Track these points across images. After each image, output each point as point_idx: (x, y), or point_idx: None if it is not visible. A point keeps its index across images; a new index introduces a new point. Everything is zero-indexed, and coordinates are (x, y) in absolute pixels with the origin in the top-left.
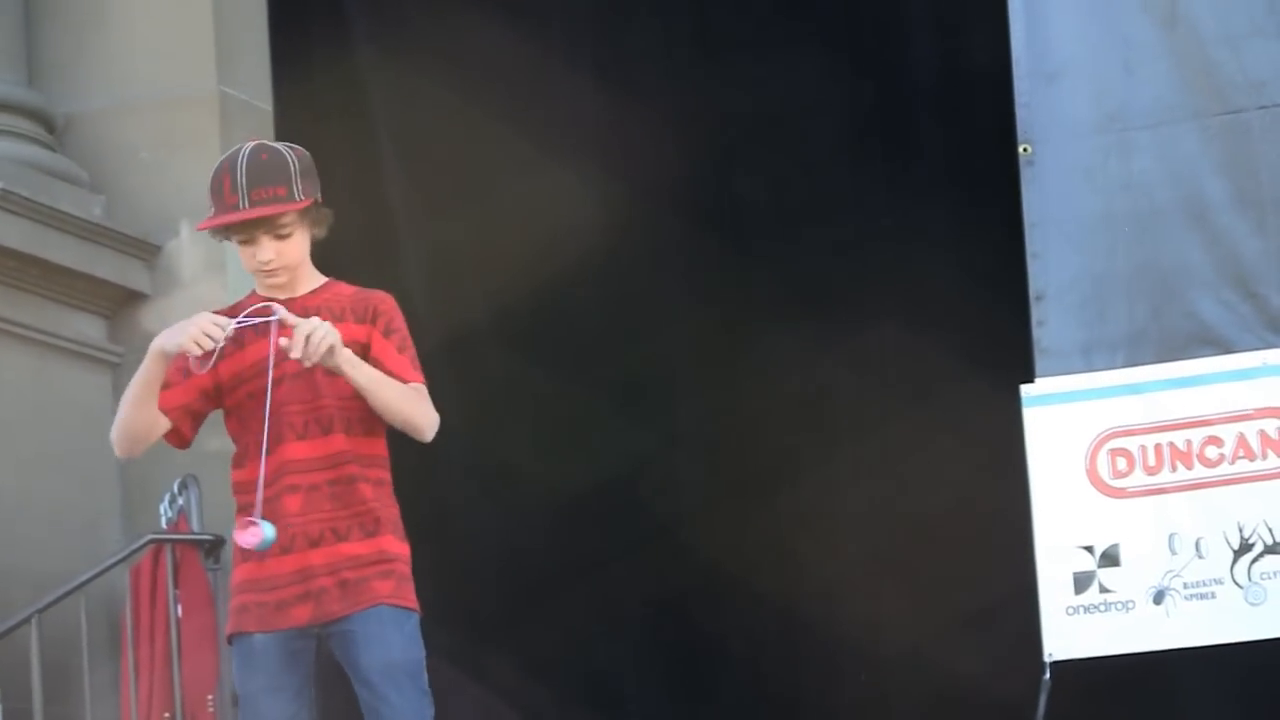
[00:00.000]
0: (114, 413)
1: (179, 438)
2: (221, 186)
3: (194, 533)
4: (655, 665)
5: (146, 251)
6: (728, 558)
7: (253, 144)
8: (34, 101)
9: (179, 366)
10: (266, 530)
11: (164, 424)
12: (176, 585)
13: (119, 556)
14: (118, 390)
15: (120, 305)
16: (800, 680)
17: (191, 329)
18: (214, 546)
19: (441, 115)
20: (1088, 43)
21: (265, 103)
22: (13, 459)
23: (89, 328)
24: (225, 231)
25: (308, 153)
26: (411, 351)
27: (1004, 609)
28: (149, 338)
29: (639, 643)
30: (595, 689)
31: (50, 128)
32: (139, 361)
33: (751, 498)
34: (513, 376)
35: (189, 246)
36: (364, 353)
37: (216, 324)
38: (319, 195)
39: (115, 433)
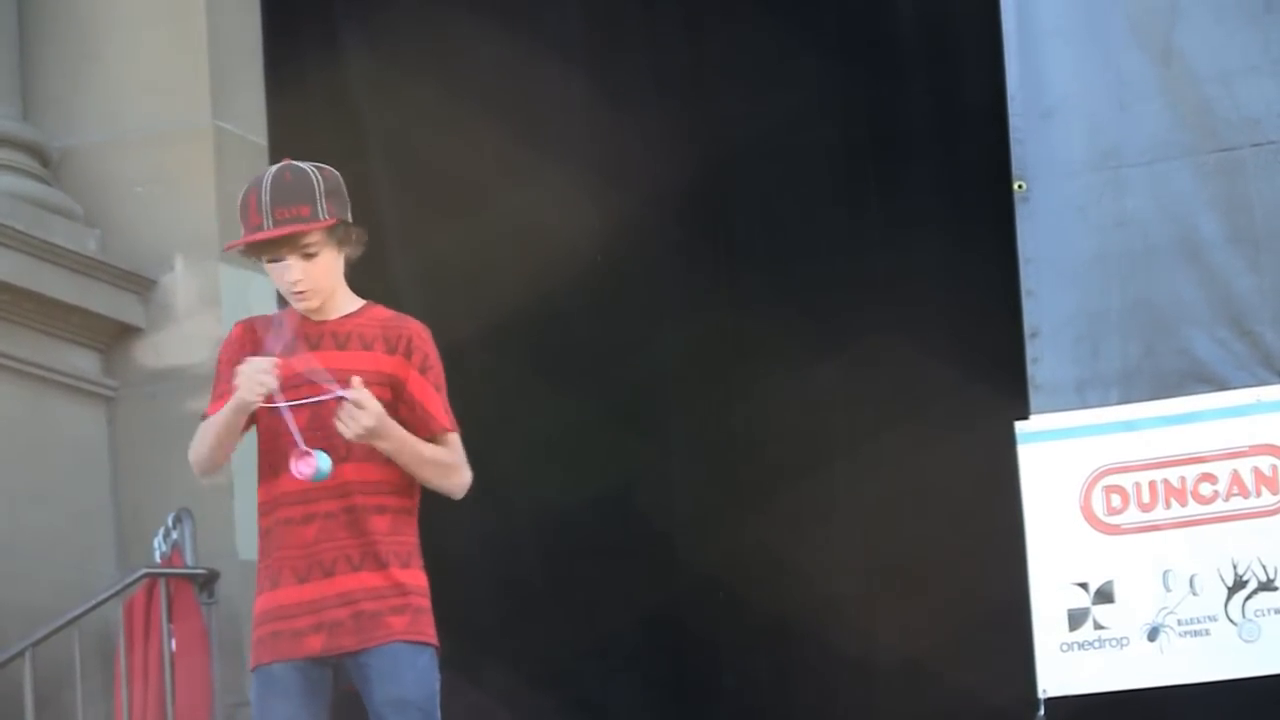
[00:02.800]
0: (108, 446)
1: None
2: (248, 208)
3: (188, 567)
4: (646, 677)
5: (141, 285)
6: (721, 571)
7: (280, 164)
8: (29, 135)
9: (227, 369)
10: (321, 460)
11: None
12: (170, 619)
13: (113, 590)
14: (112, 424)
15: (115, 339)
16: (793, 697)
17: (244, 380)
18: (208, 580)
19: (437, 145)
20: (1082, 80)
21: (260, 137)
22: (6, 492)
23: (83, 361)
24: (254, 252)
25: (337, 172)
26: (444, 390)
27: (997, 637)
28: (143, 371)
29: (631, 654)
30: (586, 700)
31: (45, 161)
32: (133, 395)
33: (744, 515)
34: (505, 389)
35: (184, 280)
36: (394, 385)
37: (262, 369)
38: (348, 215)
39: (194, 460)
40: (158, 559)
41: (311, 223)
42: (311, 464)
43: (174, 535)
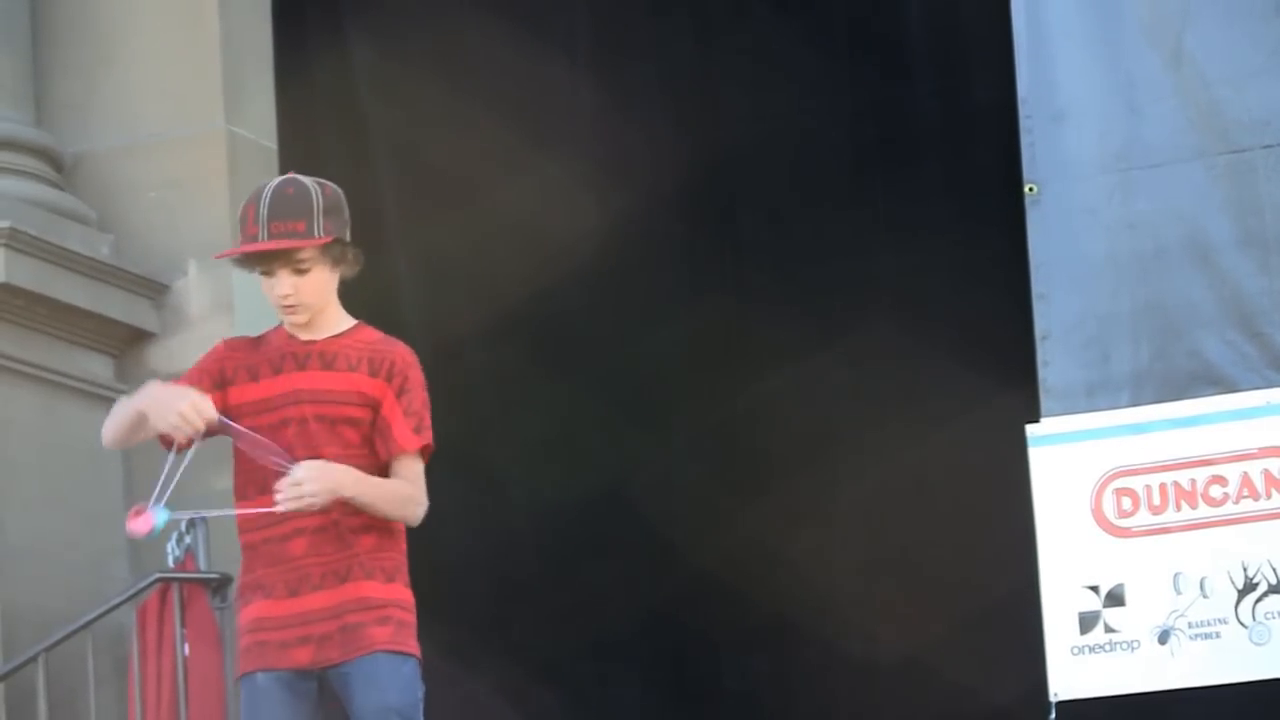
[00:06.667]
0: (121, 452)
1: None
2: (246, 217)
3: (201, 571)
4: (645, 672)
5: (154, 290)
6: (723, 569)
7: (283, 178)
8: (42, 140)
9: (202, 372)
10: (158, 517)
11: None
12: (183, 624)
13: (126, 595)
14: None
15: (128, 344)
16: (795, 697)
17: (176, 414)
18: (221, 585)
19: (446, 148)
20: (1093, 82)
21: (273, 141)
22: (20, 497)
23: (97, 367)
24: (246, 263)
25: (339, 190)
26: (420, 414)
27: (1008, 640)
28: (156, 376)
29: (630, 651)
30: (585, 697)
31: (59, 167)
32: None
33: (747, 516)
34: (508, 386)
35: (197, 286)
36: (373, 407)
37: (199, 411)
38: (346, 235)
39: (105, 433)
40: (171, 563)
41: (305, 239)
42: (148, 521)
43: (187, 540)
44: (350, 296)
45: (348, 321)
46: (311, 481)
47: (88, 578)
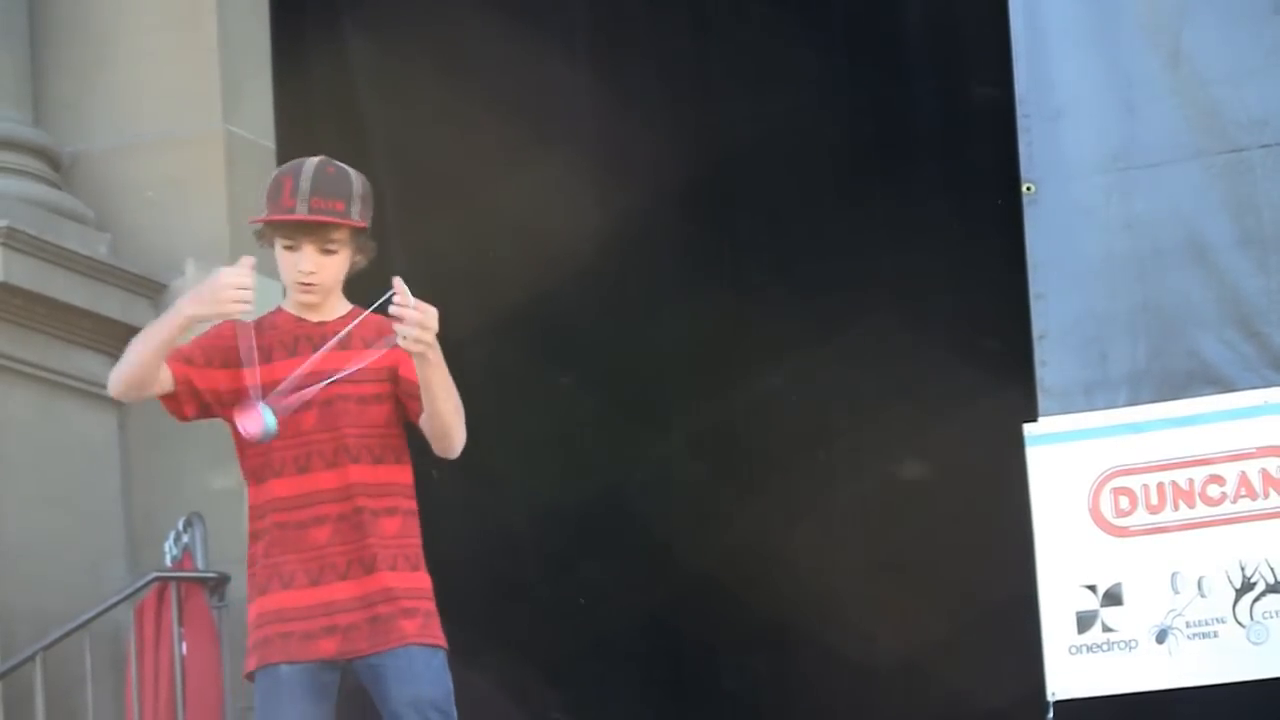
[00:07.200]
0: (119, 451)
1: (178, 409)
2: (280, 190)
3: (199, 570)
4: (641, 675)
5: (152, 290)
6: (718, 565)
7: (320, 158)
8: (40, 140)
9: (206, 346)
10: (268, 417)
11: (168, 385)
12: (181, 623)
13: (123, 594)
14: (123, 428)
15: (126, 343)
16: (792, 691)
17: (223, 293)
18: (219, 584)
19: (445, 148)
20: (1091, 82)
21: (271, 141)
22: (17, 496)
23: (94, 366)
24: (275, 233)
25: (369, 182)
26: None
27: (1006, 640)
28: None
29: (630, 652)
30: (585, 699)
31: (56, 166)
32: (144, 399)
33: (746, 515)
34: (507, 386)
35: (194, 284)
36: (392, 377)
37: (241, 283)
38: (368, 226)
39: (117, 378)
40: (168, 563)
41: (345, 219)
42: (259, 421)
43: (185, 539)
44: (350, 296)
45: (347, 305)
46: (429, 309)
47: (85, 577)
